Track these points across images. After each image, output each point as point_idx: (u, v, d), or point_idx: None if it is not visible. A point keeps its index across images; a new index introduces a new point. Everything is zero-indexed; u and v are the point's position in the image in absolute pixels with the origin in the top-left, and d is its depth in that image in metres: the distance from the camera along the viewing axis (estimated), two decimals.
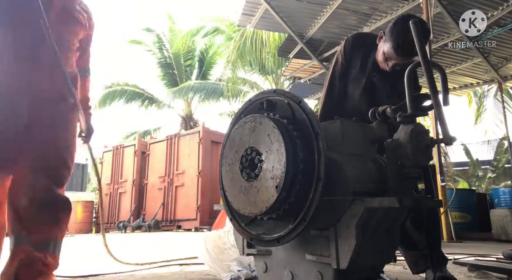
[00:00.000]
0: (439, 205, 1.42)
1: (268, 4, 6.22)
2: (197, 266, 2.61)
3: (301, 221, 1.29)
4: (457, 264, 2.80)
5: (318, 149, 1.29)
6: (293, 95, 1.44)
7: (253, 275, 1.97)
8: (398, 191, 1.30)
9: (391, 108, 1.52)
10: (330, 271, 1.30)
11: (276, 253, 1.54)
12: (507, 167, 15.94)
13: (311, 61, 8.00)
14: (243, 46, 10.88)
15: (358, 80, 2.20)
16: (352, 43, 2.23)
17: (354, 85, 2.21)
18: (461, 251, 3.97)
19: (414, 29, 1.44)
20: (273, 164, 1.33)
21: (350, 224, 1.23)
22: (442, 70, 1.47)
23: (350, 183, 1.30)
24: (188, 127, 15.01)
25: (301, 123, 1.39)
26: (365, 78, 2.15)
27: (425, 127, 1.36)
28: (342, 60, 2.26)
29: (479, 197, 8.05)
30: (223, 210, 1.93)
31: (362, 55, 2.20)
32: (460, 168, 18.01)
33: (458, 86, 8.59)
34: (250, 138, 1.45)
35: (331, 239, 1.28)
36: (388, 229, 1.41)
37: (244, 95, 13.89)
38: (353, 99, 2.20)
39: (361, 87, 2.17)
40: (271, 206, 1.32)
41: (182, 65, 16.30)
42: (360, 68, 2.19)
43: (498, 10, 5.86)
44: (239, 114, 1.64)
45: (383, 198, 1.30)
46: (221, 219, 5.89)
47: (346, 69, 2.25)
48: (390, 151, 1.33)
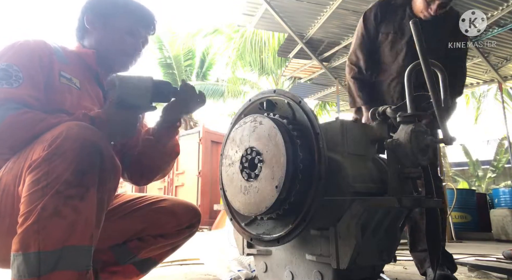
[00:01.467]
0: (439, 205, 1.42)
1: (268, 4, 6.21)
2: (197, 266, 2.61)
3: (301, 221, 1.29)
4: (457, 264, 2.81)
5: (318, 149, 1.29)
6: (293, 95, 1.44)
7: (253, 275, 1.97)
8: (398, 191, 1.30)
9: (391, 108, 1.52)
10: (330, 271, 1.30)
11: (276, 253, 1.54)
12: (507, 167, 15.93)
13: (311, 61, 8.00)
14: (243, 47, 10.90)
15: (396, 43, 2.15)
16: (379, 7, 2.21)
17: (393, 50, 2.15)
18: (461, 251, 3.98)
19: (414, 29, 1.44)
20: (273, 163, 1.33)
21: (350, 224, 1.23)
22: (442, 70, 1.47)
23: (350, 183, 1.30)
24: (188, 127, 15.01)
25: (301, 123, 1.39)
26: (407, 37, 2.09)
27: (425, 127, 1.36)
28: (363, 31, 2.25)
29: (479, 197, 8.05)
30: (223, 210, 1.93)
31: (394, 17, 2.16)
32: (460, 168, 18.00)
33: None
34: (250, 138, 1.45)
35: (331, 239, 1.28)
36: (388, 229, 1.41)
37: (244, 95, 13.90)
38: (396, 64, 2.14)
39: (404, 49, 2.11)
40: (271, 206, 1.32)
41: (182, 65, 16.30)
42: (398, 29, 2.14)
43: (498, 10, 5.86)
44: (239, 114, 1.65)
45: (383, 198, 1.30)
46: (221, 219, 5.89)
47: (374, 37, 2.22)
48: (390, 151, 1.33)
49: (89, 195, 0.95)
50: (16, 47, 1.22)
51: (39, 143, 1.01)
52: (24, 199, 0.93)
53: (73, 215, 0.91)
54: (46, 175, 0.92)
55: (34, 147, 1.01)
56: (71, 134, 0.97)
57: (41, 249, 0.87)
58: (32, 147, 1.02)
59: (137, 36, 1.45)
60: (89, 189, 0.95)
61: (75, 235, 0.91)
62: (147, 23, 1.48)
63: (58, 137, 0.96)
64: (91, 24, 1.37)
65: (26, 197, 0.92)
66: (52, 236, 0.88)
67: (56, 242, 0.88)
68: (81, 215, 0.92)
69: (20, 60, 1.19)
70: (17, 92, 1.12)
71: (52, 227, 0.89)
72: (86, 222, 0.94)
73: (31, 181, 0.93)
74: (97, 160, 0.98)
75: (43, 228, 0.88)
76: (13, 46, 1.22)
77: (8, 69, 1.15)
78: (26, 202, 0.92)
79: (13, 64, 1.16)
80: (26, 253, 0.87)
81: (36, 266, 0.86)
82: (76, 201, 0.92)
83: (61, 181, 0.92)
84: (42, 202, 0.89)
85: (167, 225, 1.43)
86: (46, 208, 0.89)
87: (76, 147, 0.95)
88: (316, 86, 9.08)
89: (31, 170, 0.94)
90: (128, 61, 1.46)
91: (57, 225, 0.89)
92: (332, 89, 8.85)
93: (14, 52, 1.20)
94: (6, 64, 1.16)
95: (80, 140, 0.96)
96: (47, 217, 0.89)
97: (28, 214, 0.90)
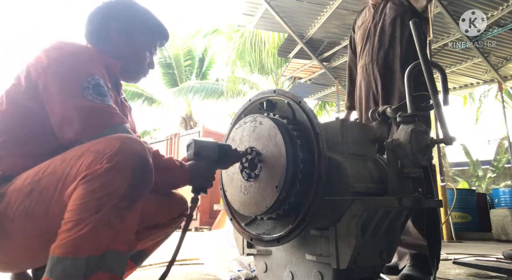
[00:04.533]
0: (439, 205, 1.42)
1: (268, 4, 6.22)
2: (197, 266, 2.61)
3: (301, 221, 1.29)
4: (457, 264, 2.81)
5: (318, 149, 1.29)
6: (293, 95, 1.44)
7: (253, 275, 1.97)
8: (398, 191, 1.30)
9: (391, 108, 1.52)
10: (330, 271, 1.30)
11: (276, 253, 1.54)
12: (507, 167, 15.94)
13: (311, 61, 8.00)
14: (243, 47, 10.89)
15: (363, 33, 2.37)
16: (358, 14, 2.54)
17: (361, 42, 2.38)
18: (461, 251, 3.98)
19: (414, 29, 1.44)
20: (273, 163, 1.33)
21: (350, 224, 1.23)
22: (442, 70, 1.47)
23: (350, 183, 1.30)
24: (188, 128, 15.01)
25: (301, 123, 1.39)
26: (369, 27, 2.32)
27: (425, 127, 1.36)
28: (350, 39, 2.64)
29: (479, 197, 8.04)
30: (223, 210, 1.93)
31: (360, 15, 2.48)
32: (460, 168, 18.01)
33: (458, 86, 8.58)
34: (250, 138, 1.45)
35: (331, 239, 1.28)
36: (388, 229, 1.41)
37: (244, 95, 13.90)
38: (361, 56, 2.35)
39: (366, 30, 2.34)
40: (271, 206, 1.32)
41: (182, 65, 16.30)
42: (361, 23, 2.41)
43: (498, 10, 5.86)
44: (239, 114, 1.65)
45: (383, 198, 1.30)
46: (221, 219, 5.89)
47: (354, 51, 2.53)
48: (390, 151, 1.33)
49: (135, 206, 1.01)
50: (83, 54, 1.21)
51: (89, 152, 1.02)
52: (74, 206, 0.96)
53: (120, 224, 0.97)
54: (103, 187, 0.96)
55: (84, 155, 1.02)
56: (128, 150, 1.02)
57: (91, 254, 0.93)
58: (80, 155, 1.03)
59: (153, 53, 1.49)
60: (136, 201, 1.01)
61: (117, 242, 0.97)
62: (164, 40, 1.52)
63: (118, 152, 1.00)
64: (115, 33, 1.37)
65: (78, 205, 0.95)
66: (101, 242, 0.94)
67: (102, 247, 0.94)
68: (126, 224, 0.99)
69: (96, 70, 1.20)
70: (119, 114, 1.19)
71: (103, 235, 0.94)
72: (128, 231, 1.01)
73: (86, 191, 0.96)
74: (148, 175, 1.05)
75: (95, 237, 0.93)
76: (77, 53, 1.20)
77: (100, 83, 1.17)
78: (77, 210, 0.95)
79: (98, 76, 1.18)
80: (77, 258, 0.92)
81: (84, 269, 0.91)
82: (125, 211, 0.98)
83: (118, 194, 0.97)
84: (99, 213, 0.94)
85: (159, 216, 1.45)
86: (102, 219, 0.94)
87: (133, 163, 1.01)
88: (316, 86, 9.08)
89: (87, 180, 0.97)
90: (142, 75, 1.50)
91: (107, 233, 0.95)
92: (332, 89, 8.85)
93: (87, 60, 1.20)
94: (96, 77, 1.17)
95: (136, 156, 1.02)
96: (101, 226, 0.94)
97: (80, 221, 0.94)
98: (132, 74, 1.46)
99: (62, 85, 1.13)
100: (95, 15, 1.38)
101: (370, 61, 2.24)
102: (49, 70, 1.13)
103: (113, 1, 1.41)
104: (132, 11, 1.42)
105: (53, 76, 1.13)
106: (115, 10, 1.40)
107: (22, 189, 1.05)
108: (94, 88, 1.14)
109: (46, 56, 1.16)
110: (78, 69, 1.16)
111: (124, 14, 1.41)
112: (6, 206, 1.04)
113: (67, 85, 1.13)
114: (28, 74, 1.15)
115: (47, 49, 1.19)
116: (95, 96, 1.13)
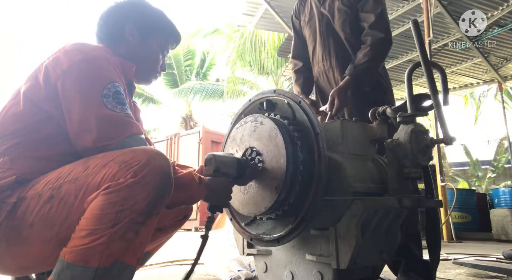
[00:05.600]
0: (439, 205, 1.42)
1: (268, 4, 6.22)
2: (197, 266, 2.61)
3: (301, 221, 1.29)
4: (457, 264, 2.81)
5: (318, 149, 1.29)
6: (293, 95, 1.45)
7: (253, 275, 1.97)
8: (398, 191, 1.30)
9: (391, 108, 1.52)
10: (330, 271, 1.30)
11: (276, 253, 1.54)
12: (507, 167, 15.93)
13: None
14: (243, 46, 10.89)
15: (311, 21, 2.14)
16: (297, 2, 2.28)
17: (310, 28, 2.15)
18: (461, 251, 3.97)
19: (414, 29, 1.44)
20: (273, 164, 1.33)
21: (350, 224, 1.23)
22: (442, 70, 1.47)
23: (350, 183, 1.30)
24: (188, 128, 15.01)
25: (301, 123, 1.39)
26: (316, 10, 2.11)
27: (425, 127, 1.36)
28: (291, 28, 2.32)
29: (479, 197, 8.04)
30: None
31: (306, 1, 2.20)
32: (460, 168, 18.01)
33: (458, 86, 8.59)
34: (250, 138, 1.45)
35: (331, 239, 1.28)
36: (388, 229, 1.41)
37: (244, 95, 13.90)
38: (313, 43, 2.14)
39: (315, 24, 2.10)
40: (270, 207, 1.32)
41: (182, 65, 16.31)
42: (310, 8, 2.16)
43: (498, 10, 5.86)
44: (239, 114, 1.65)
45: (383, 198, 1.30)
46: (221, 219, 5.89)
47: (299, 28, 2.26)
48: (390, 151, 1.33)
49: (151, 221, 1.01)
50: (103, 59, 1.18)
51: (115, 163, 1.00)
52: (92, 215, 0.95)
53: (134, 238, 0.97)
54: (124, 200, 0.96)
55: (109, 165, 1.00)
56: (155, 166, 1.00)
57: (101, 265, 0.92)
58: (105, 164, 1.01)
59: (165, 55, 1.48)
60: (152, 216, 1.01)
61: (128, 254, 0.96)
62: (175, 43, 1.52)
63: (144, 167, 0.99)
64: (130, 35, 1.35)
65: (96, 215, 0.95)
66: (113, 254, 0.94)
67: (113, 258, 0.94)
68: (139, 239, 0.99)
69: (116, 75, 1.18)
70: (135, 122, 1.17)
71: (116, 247, 0.94)
72: (140, 245, 0.99)
73: (106, 202, 0.95)
74: (169, 192, 1.04)
75: (108, 249, 0.93)
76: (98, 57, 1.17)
77: (120, 91, 1.14)
78: (94, 220, 0.95)
79: (118, 83, 1.15)
80: (87, 267, 0.92)
81: (91, 278, 0.92)
82: (140, 226, 0.98)
83: (137, 210, 0.97)
84: (115, 227, 0.94)
85: (164, 219, 1.45)
86: (117, 233, 0.94)
87: (158, 179, 1.00)
88: None
89: (110, 192, 0.96)
90: (154, 77, 1.49)
91: (120, 246, 0.95)
92: None
93: (107, 65, 1.17)
94: (116, 84, 1.14)
95: (161, 173, 1.01)
96: (115, 240, 0.94)
97: (95, 231, 0.94)
98: (144, 76, 1.44)
99: (82, 90, 1.10)
100: (108, 15, 1.36)
101: (330, 68, 2.05)
102: (68, 73, 1.10)
103: (127, 2, 1.39)
104: (147, 12, 1.41)
105: (73, 80, 1.10)
106: (129, 11, 1.38)
107: (42, 194, 1.03)
108: (114, 96, 1.12)
109: (67, 58, 1.13)
110: (99, 75, 1.13)
111: (139, 15, 1.38)
112: (25, 210, 1.03)
113: (87, 91, 1.10)
114: (47, 74, 1.12)
115: (67, 50, 1.16)
116: (114, 104, 1.11)
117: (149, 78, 1.46)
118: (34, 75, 1.16)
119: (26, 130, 1.12)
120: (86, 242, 0.93)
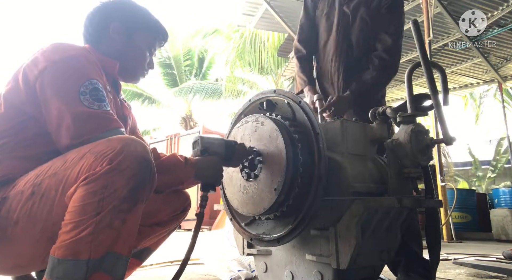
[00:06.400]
0: (439, 205, 1.42)
1: (268, 4, 6.22)
2: (197, 266, 2.61)
3: (301, 221, 1.29)
4: (457, 264, 2.81)
5: (318, 149, 1.29)
6: (293, 95, 1.44)
7: (253, 275, 1.97)
8: (398, 191, 1.30)
9: (391, 108, 1.52)
10: (330, 271, 1.30)
11: (276, 253, 1.54)
12: (507, 167, 15.93)
13: None
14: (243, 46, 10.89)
15: (331, 15, 2.09)
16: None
17: (328, 22, 2.10)
18: (461, 251, 3.98)
19: (414, 29, 1.44)
20: (273, 165, 1.33)
21: (350, 224, 1.23)
22: (442, 70, 1.47)
23: (350, 183, 1.30)
24: (188, 127, 15.00)
25: (301, 123, 1.39)
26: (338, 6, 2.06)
27: (425, 127, 1.36)
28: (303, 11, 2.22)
29: (479, 197, 8.05)
30: (223, 210, 1.93)
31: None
32: (461, 168, 18.01)
33: (458, 86, 8.59)
34: (251, 138, 1.45)
35: (331, 239, 1.28)
36: (388, 229, 1.41)
37: (243, 95, 13.90)
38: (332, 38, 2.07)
39: (335, 19, 2.05)
40: (269, 208, 1.32)
41: (182, 65, 16.31)
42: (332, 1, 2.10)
43: (498, 10, 5.86)
44: (239, 114, 1.65)
45: (383, 198, 1.30)
46: (221, 219, 5.89)
47: (313, 15, 2.18)
48: (390, 151, 1.33)
49: (136, 209, 1.00)
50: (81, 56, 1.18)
51: (90, 153, 1.01)
52: (75, 208, 0.95)
53: (121, 227, 0.95)
54: (104, 188, 0.95)
55: (86, 157, 1.01)
56: (130, 151, 0.99)
57: (91, 257, 0.92)
58: (82, 156, 1.02)
59: (152, 53, 1.49)
60: (137, 203, 1.00)
61: (118, 244, 0.95)
62: (163, 41, 1.52)
63: (120, 154, 0.98)
64: (115, 33, 1.36)
65: (78, 207, 0.95)
66: (102, 245, 0.93)
67: (103, 249, 0.93)
68: (127, 227, 0.97)
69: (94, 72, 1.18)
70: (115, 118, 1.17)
71: (104, 237, 0.94)
72: (129, 234, 0.98)
73: (86, 192, 0.95)
74: (150, 177, 1.03)
75: (96, 239, 0.93)
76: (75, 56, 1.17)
77: (98, 88, 1.15)
78: (77, 212, 0.94)
79: (96, 80, 1.16)
80: (77, 260, 0.92)
81: (84, 271, 0.91)
82: (126, 214, 0.97)
83: (119, 197, 0.96)
84: (99, 215, 0.93)
85: (162, 213, 1.44)
86: (102, 221, 0.93)
87: (135, 165, 0.99)
88: None
89: (88, 182, 0.96)
90: (142, 75, 1.49)
91: (108, 235, 0.94)
92: None
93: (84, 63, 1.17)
94: (94, 81, 1.15)
95: (139, 158, 1.00)
96: (102, 228, 0.93)
97: (80, 223, 0.93)
98: (131, 74, 1.45)
99: (59, 89, 1.11)
100: (94, 15, 1.37)
101: (336, 71, 2.04)
102: (45, 73, 1.11)
103: (112, 1, 1.40)
104: (132, 11, 1.42)
105: (50, 80, 1.11)
106: (114, 10, 1.39)
107: (24, 191, 1.04)
108: (92, 93, 1.12)
109: (44, 58, 1.14)
110: (75, 73, 1.14)
111: (124, 14, 1.40)
112: (9, 209, 1.03)
113: (64, 90, 1.11)
114: (26, 76, 1.13)
115: (45, 50, 1.17)
116: (92, 101, 1.11)
117: (136, 76, 1.47)
118: (14, 77, 1.17)
119: (10, 132, 1.13)
120: (73, 235, 0.92)
